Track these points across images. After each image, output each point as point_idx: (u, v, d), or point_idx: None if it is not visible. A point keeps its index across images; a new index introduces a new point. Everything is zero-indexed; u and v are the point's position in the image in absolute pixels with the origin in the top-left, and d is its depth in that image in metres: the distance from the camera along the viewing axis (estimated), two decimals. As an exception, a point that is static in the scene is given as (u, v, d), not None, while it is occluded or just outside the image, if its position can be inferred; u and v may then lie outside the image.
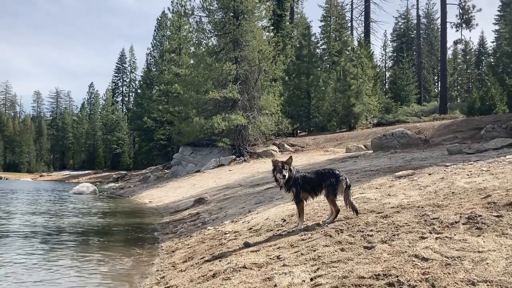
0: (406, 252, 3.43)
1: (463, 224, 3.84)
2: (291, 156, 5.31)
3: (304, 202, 5.23)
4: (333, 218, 5.04)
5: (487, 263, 2.93)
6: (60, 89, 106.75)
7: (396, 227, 4.15)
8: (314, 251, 4.02)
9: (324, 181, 5.05)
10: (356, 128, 31.06)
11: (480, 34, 64.86)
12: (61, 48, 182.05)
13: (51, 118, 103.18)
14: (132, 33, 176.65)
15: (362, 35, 47.35)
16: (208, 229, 7.32)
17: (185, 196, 15.79)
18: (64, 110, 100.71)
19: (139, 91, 56.71)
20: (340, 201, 5.14)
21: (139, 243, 7.79)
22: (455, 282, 2.73)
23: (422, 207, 4.78)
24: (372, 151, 16.20)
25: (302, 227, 5.08)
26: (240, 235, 5.89)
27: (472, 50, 58.25)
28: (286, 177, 4.99)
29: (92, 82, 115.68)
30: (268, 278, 3.55)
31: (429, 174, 7.03)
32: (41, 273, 5.50)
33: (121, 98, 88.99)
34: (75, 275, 5.43)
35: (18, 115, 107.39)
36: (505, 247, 3.17)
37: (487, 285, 2.64)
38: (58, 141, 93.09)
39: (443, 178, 6.41)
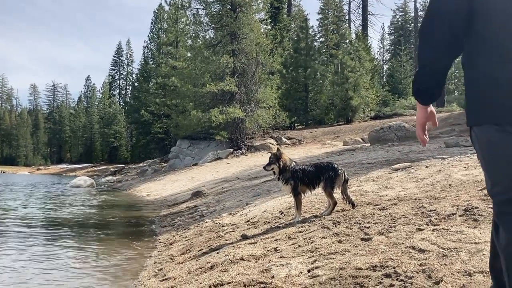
0: (403, 243, 3.44)
1: (459, 216, 3.85)
2: (278, 148, 5.35)
3: (302, 194, 5.26)
4: (330, 211, 5.06)
5: (484, 254, 2.95)
6: (57, 83, 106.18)
7: (393, 219, 4.17)
8: (311, 243, 4.03)
9: (322, 174, 5.08)
10: (353, 121, 31.08)
11: (478, 27, 64.58)
12: (57, 42, 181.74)
13: (47, 111, 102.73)
14: (129, 27, 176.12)
15: (360, 28, 47.28)
16: (206, 222, 7.33)
17: (183, 189, 15.80)
18: (61, 104, 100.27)
19: (136, 84, 56.60)
20: (337, 193, 5.16)
21: (136, 235, 7.80)
22: (451, 273, 2.74)
23: (419, 199, 4.80)
24: (369, 144, 16.22)
25: (300, 219, 5.09)
26: (237, 228, 5.90)
27: (470, 43, 58.13)
28: (274, 168, 5.12)
29: (89, 75, 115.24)
30: (265, 269, 3.56)
31: (426, 167, 7.04)
32: (36, 266, 5.50)
33: (118, 91, 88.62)
34: (72, 268, 5.44)
35: (15, 108, 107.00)
36: (502, 239, 3.18)
37: (483, 275, 2.65)
38: (55, 134, 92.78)
39: (440, 170, 6.43)
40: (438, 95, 1.95)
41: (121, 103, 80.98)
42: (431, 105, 2.04)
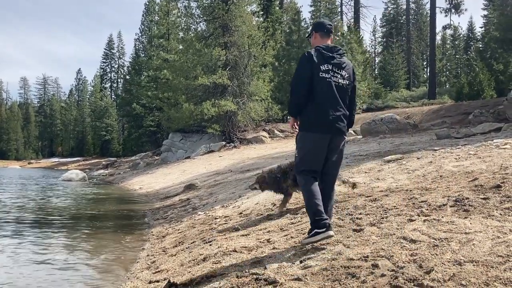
0: (394, 234, 3.47)
1: (450, 206, 3.89)
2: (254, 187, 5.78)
3: (290, 189, 5.32)
4: None
5: (474, 244, 2.98)
6: (48, 76, 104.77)
7: (385, 210, 4.20)
8: (303, 234, 4.05)
9: None
10: (345, 113, 31.04)
11: (469, 19, 64.84)
12: (48, 35, 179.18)
13: (38, 105, 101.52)
14: (120, 20, 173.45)
15: (352, 20, 47.15)
16: (199, 214, 7.34)
17: (175, 182, 15.77)
18: (51, 97, 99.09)
19: (127, 77, 56.15)
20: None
21: (129, 229, 7.79)
22: (442, 263, 2.77)
23: (411, 191, 4.84)
24: (361, 136, 16.28)
25: (277, 212, 5.29)
26: (230, 220, 5.91)
27: (461, 35, 58.30)
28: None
29: (80, 68, 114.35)
30: (258, 261, 3.57)
31: (418, 158, 7.09)
32: (28, 260, 5.47)
33: (109, 84, 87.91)
34: (64, 261, 5.42)
35: (5, 102, 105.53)
36: (491, 228, 3.22)
37: (473, 265, 2.69)
38: (46, 128, 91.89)
39: (431, 162, 6.47)
40: (300, 113, 3.79)
41: (113, 96, 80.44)
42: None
